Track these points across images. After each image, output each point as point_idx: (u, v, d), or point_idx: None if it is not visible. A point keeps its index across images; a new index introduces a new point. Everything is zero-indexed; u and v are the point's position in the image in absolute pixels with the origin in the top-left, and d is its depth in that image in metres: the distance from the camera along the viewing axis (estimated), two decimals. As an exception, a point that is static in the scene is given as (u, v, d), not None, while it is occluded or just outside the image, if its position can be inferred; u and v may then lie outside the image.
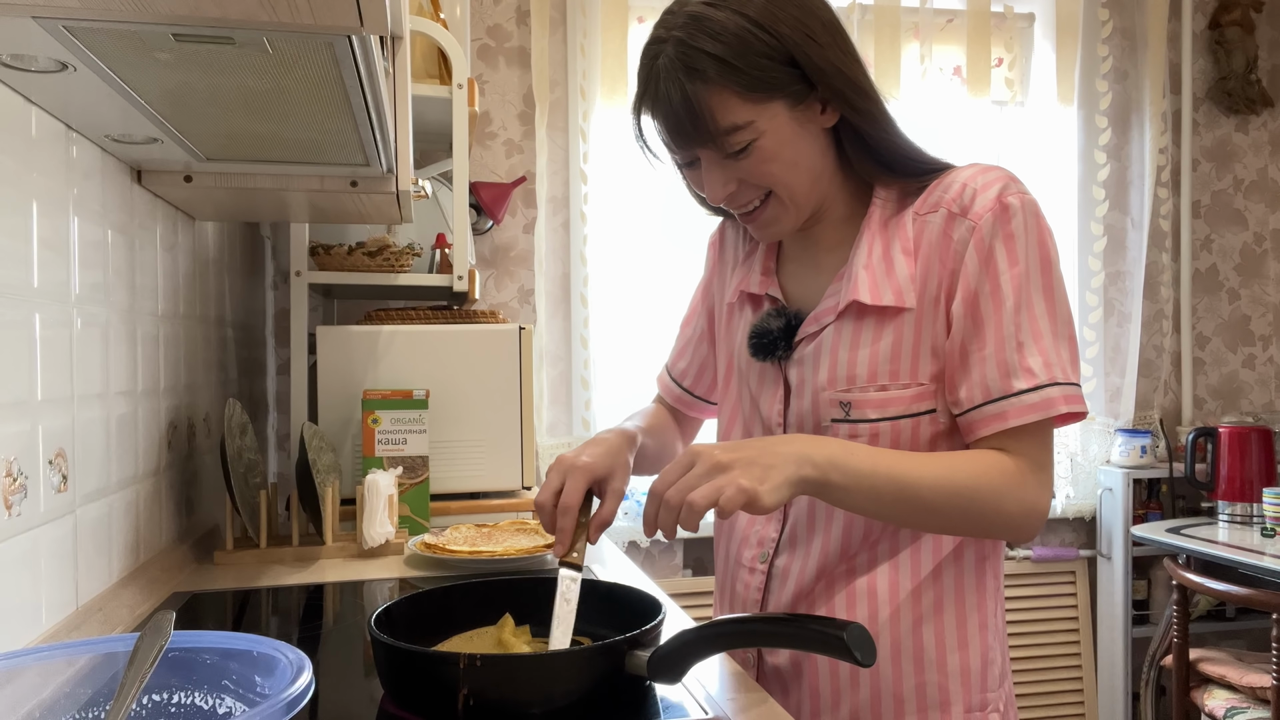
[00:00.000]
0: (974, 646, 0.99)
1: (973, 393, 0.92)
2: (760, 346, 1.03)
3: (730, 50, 0.88)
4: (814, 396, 0.99)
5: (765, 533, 1.05)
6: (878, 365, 0.95)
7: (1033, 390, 0.90)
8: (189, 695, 0.67)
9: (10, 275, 0.91)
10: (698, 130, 0.91)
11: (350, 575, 1.37)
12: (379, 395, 1.64)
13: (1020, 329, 0.91)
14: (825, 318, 0.99)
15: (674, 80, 0.90)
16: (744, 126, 0.91)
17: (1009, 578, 2.88)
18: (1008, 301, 0.91)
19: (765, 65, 0.89)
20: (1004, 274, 0.91)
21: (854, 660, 0.74)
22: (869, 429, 0.96)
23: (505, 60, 2.67)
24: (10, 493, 0.89)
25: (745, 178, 0.95)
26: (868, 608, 0.99)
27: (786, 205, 0.97)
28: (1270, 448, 2.75)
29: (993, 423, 0.91)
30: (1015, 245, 0.91)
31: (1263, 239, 3.15)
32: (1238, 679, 2.32)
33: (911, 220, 0.97)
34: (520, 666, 0.80)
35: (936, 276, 0.94)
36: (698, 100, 0.89)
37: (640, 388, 2.66)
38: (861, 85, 0.95)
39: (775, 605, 1.04)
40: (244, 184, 1.28)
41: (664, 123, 0.94)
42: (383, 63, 0.93)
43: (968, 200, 0.93)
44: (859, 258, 0.98)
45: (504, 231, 2.68)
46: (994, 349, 0.91)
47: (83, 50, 0.77)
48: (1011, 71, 2.88)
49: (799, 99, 0.92)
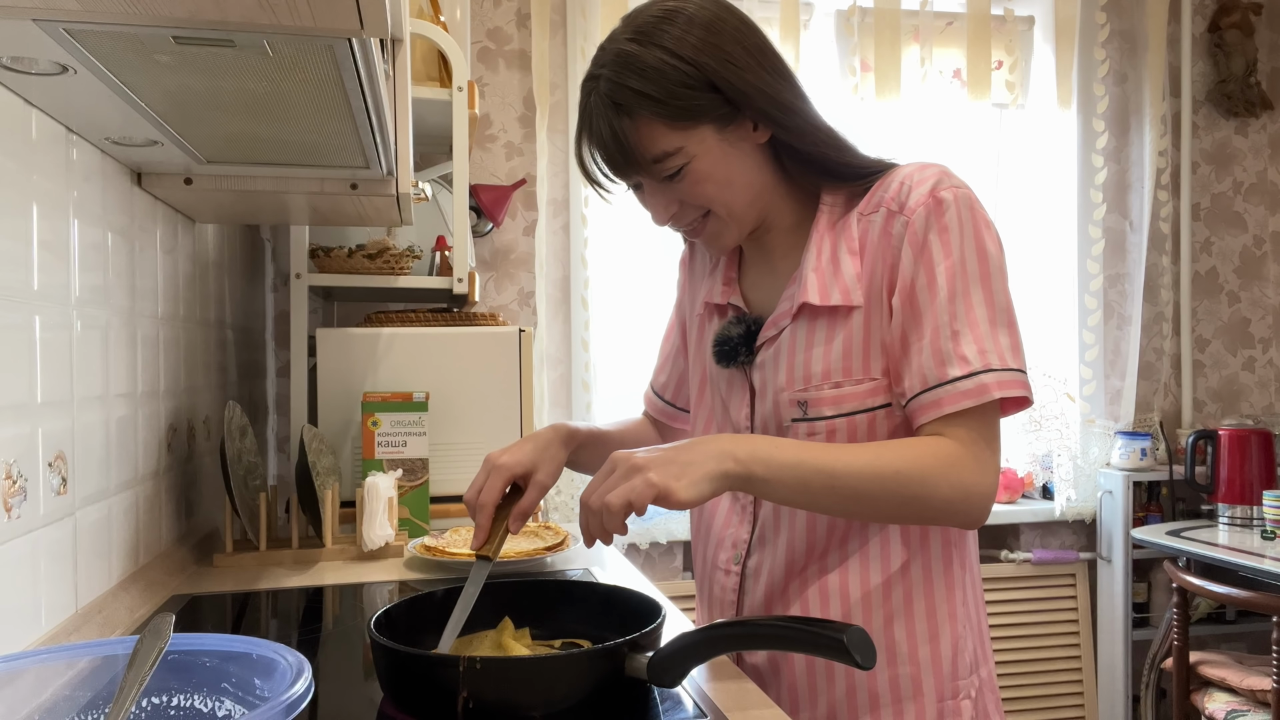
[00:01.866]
0: (944, 637, 1.02)
1: (912, 382, 0.95)
2: (723, 353, 1.07)
3: (652, 85, 0.93)
4: (775, 397, 1.03)
5: (738, 534, 1.08)
6: (831, 364, 0.99)
7: (967, 377, 0.92)
8: (188, 698, 0.67)
9: (10, 277, 0.91)
10: (628, 161, 0.97)
11: (350, 578, 1.37)
12: (379, 398, 1.64)
13: (955, 318, 0.93)
14: (782, 321, 1.03)
15: (603, 117, 0.96)
16: (674, 153, 0.96)
17: (1008, 580, 2.88)
18: (942, 292, 0.93)
19: (686, 95, 0.94)
20: (939, 265, 0.94)
21: (854, 663, 0.74)
22: (826, 426, 0.99)
23: (505, 63, 2.67)
24: (10, 495, 0.89)
25: (684, 199, 1.00)
26: (840, 607, 1.01)
27: (726, 221, 1.02)
28: (1270, 450, 2.75)
29: (930, 410, 0.93)
30: (949, 237, 0.94)
31: (1262, 241, 3.15)
32: (1238, 682, 2.32)
33: (856, 221, 1.01)
34: (520, 669, 0.80)
35: (879, 274, 0.97)
36: (624, 134, 0.95)
37: (641, 389, 2.65)
38: (786, 102, 0.98)
39: (750, 605, 1.07)
40: (244, 186, 1.28)
41: (600, 154, 0.99)
42: (383, 65, 0.94)
43: (904, 197, 0.97)
44: (808, 261, 1.01)
45: (504, 234, 2.68)
46: (930, 338, 0.94)
47: (83, 53, 0.77)
48: (1012, 74, 2.89)
49: (726, 121, 0.97)
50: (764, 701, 0.87)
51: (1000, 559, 2.90)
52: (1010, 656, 2.85)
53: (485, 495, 0.99)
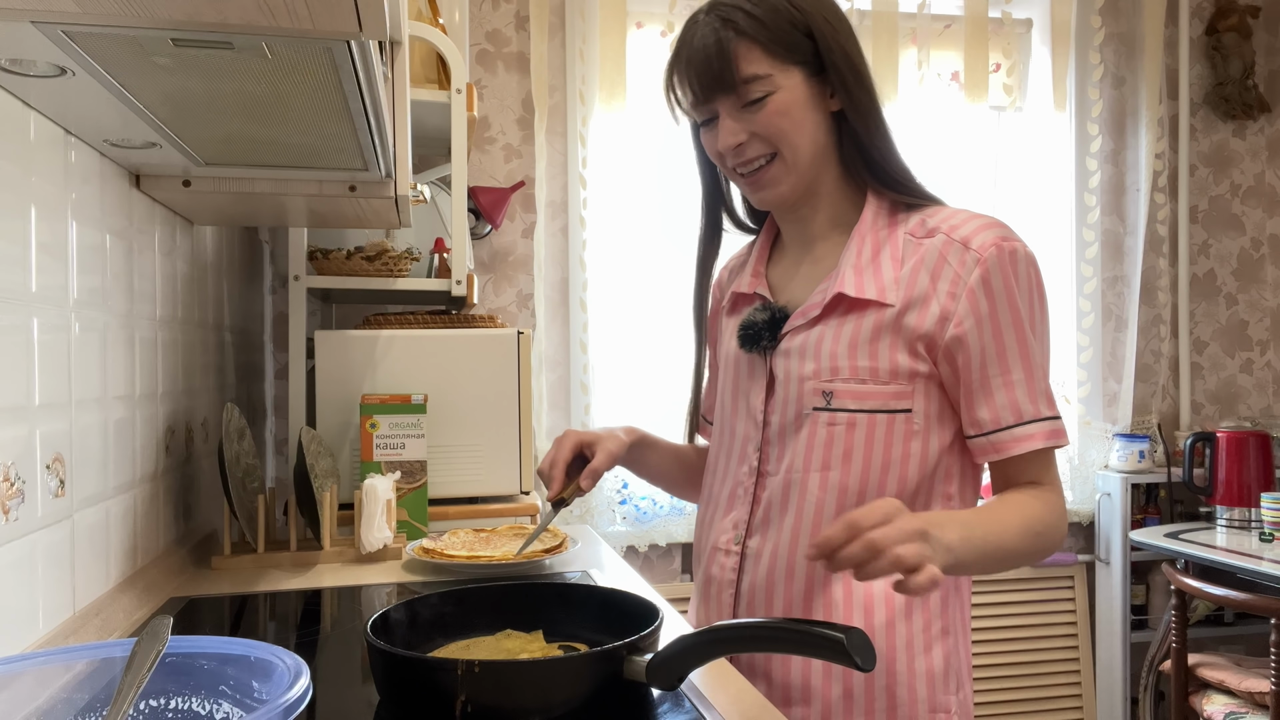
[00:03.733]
0: (937, 649, 1.04)
1: (1000, 414, 1.01)
2: (747, 337, 1.11)
3: (762, 11, 1.02)
4: (799, 385, 1.06)
5: (739, 515, 1.11)
6: (858, 358, 1.02)
7: (1051, 419, 1.01)
8: (186, 700, 0.67)
9: (8, 279, 0.91)
10: (722, 76, 1.02)
11: (348, 580, 1.37)
12: (377, 400, 1.64)
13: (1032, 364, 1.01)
14: (812, 312, 1.07)
15: (711, 31, 1.02)
16: (763, 78, 1.02)
17: (1007, 582, 2.88)
18: (1027, 337, 1.01)
19: (788, 31, 1.02)
20: (1022, 310, 1.00)
21: (855, 665, 0.74)
22: (847, 419, 1.03)
23: (504, 65, 2.68)
24: (8, 498, 0.89)
25: (756, 130, 1.04)
26: (843, 603, 1.03)
27: (789, 167, 1.05)
28: (1268, 452, 2.75)
29: (1020, 443, 1.00)
30: (1024, 287, 1.01)
31: (1260, 244, 3.15)
32: (1236, 684, 2.32)
33: (903, 240, 1.05)
34: (518, 672, 0.80)
35: (925, 289, 1.02)
36: (727, 47, 1.01)
37: (640, 392, 2.66)
38: (864, 77, 1.06)
39: (749, 585, 1.08)
40: (242, 189, 1.28)
41: (694, 70, 1.04)
42: (381, 68, 0.94)
43: (968, 233, 1.02)
44: (848, 258, 1.06)
45: (502, 236, 2.68)
46: (1022, 377, 1.00)
47: (81, 55, 0.77)
48: (1009, 77, 2.89)
49: (814, 72, 1.04)
50: (762, 704, 0.87)
51: (998, 561, 2.89)
52: (1009, 659, 2.85)
53: (558, 453, 1.13)
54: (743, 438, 1.12)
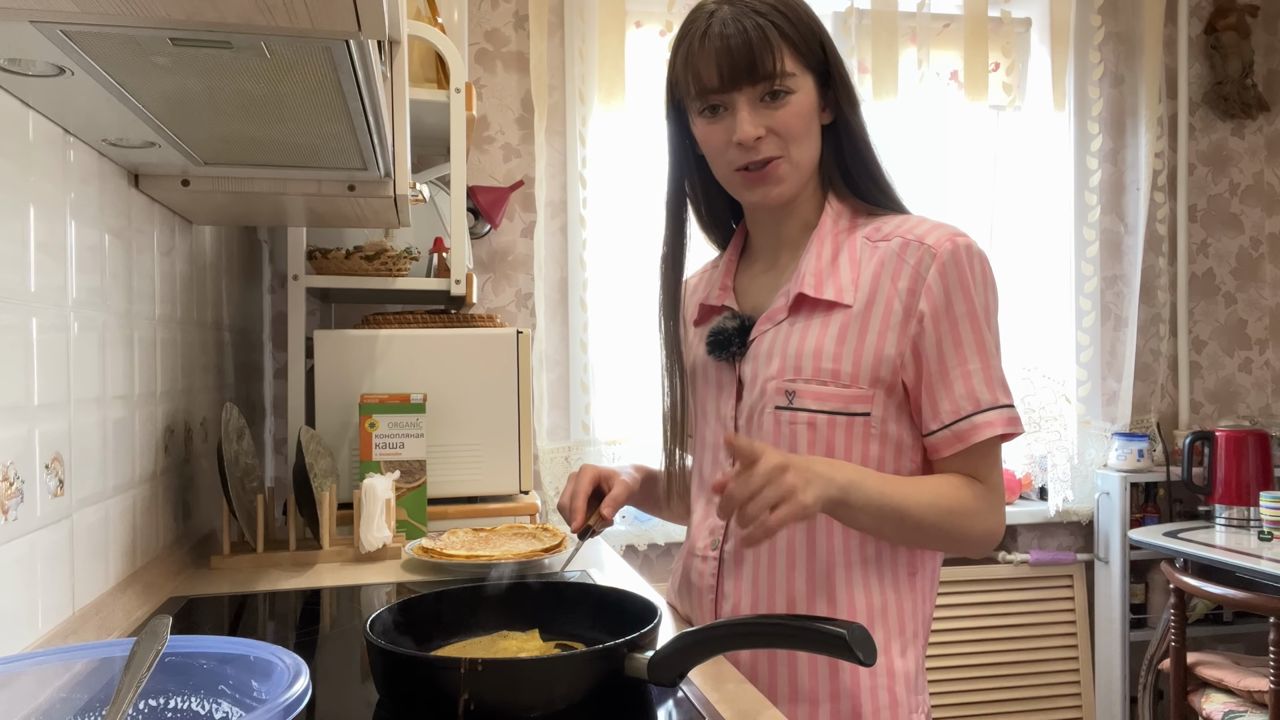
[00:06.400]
0: (910, 653, 1.06)
1: (960, 404, 1.01)
2: (716, 344, 1.12)
3: (792, 13, 1.04)
4: (763, 386, 1.07)
5: (715, 521, 1.12)
6: (821, 358, 1.04)
7: (1009, 406, 1.03)
8: (185, 700, 0.67)
9: (7, 279, 0.91)
10: (758, 63, 1.01)
11: (347, 580, 1.37)
12: (376, 399, 1.63)
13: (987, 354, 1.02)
14: (777, 316, 1.09)
15: (747, 18, 1.02)
16: (791, 75, 1.03)
17: (1005, 581, 2.88)
18: (982, 328, 1.02)
19: (811, 37, 1.05)
20: (976, 301, 1.02)
21: (856, 659, 0.75)
22: (807, 418, 1.04)
23: (503, 65, 2.67)
24: (6, 497, 0.89)
25: (774, 126, 1.04)
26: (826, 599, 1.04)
27: (795, 168, 1.07)
28: (1267, 451, 2.75)
29: (983, 430, 1.01)
30: (976, 280, 1.02)
31: (1259, 243, 3.15)
32: (1235, 683, 2.32)
33: (860, 243, 1.07)
34: (521, 670, 0.80)
35: (885, 291, 1.03)
36: (767, 34, 1.02)
37: (640, 392, 2.66)
38: (854, 99, 1.10)
39: (729, 590, 1.09)
40: (241, 188, 1.28)
41: (726, 54, 1.02)
42: (380, 67, 0.94)
43: (922, 233, 1.04)
44: (808, 260, 1.08)
45: (502, 236, 2.68)
46: (979, 367, 1.02)
47: (80, 54, 0.77)
48: (1009, 76, 2.89)
49: (822, 83, 1.07)
50: (761, 701, 0.87)
51: (997, 560, 2.90)
52: (1007, 658, 2.85)
53: (579, 485, 1.17)
54: (713, 445, 1.14)
